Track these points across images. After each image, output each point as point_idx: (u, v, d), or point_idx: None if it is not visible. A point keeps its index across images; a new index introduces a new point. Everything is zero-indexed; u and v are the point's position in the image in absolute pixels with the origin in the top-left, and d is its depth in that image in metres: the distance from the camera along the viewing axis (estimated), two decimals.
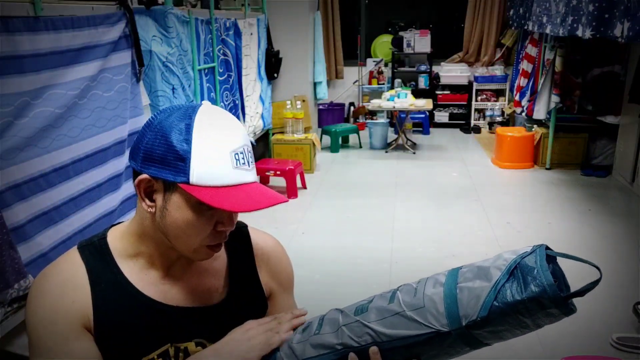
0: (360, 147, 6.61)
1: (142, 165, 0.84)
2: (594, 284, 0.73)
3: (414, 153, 6.24)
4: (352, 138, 6.73)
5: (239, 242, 1.02)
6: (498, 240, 3.78)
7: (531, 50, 5.76)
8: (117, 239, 0.92)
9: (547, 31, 4.64)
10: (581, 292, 0.72)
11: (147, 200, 0.86)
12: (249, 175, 0.85)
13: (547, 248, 0.78)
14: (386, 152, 6.33)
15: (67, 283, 0.86)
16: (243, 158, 0.84)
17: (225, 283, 0.98)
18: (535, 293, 0.70)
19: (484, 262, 0.79)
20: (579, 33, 3.81)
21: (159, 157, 0.82)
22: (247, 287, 1.01)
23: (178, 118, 0.82)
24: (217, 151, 0.81)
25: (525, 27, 5.71)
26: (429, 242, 3.77)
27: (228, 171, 0.82)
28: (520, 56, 6.11)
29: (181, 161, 0.80)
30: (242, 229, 1.04)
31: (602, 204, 4.51)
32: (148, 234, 0.89)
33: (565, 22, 4.10)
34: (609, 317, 2.78)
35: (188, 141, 0.80)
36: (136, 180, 0.85)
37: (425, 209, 4.46)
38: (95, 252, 0.90)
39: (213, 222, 0.85)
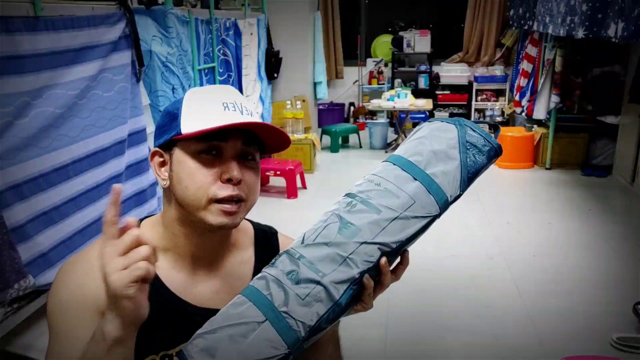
0: (360, 147, 6.61)
1: (155, 143, 0.89)
2: (497, 132, 0.98)
3: None
4: (352, 138, 6.72)
5: (268, 246, 1.02)
6: (498, 240, 3.78)
7: (531, 50, 5.76)
8: (148, 230, 0.91)
9: (550, 31, 4.64)
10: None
11: (161, 175, 0.88)
12: (244, 117, 0.85)
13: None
14: (386, 152, 6.33)
15: (95, 269, 0.81)
16: (234, 106, 0.85)
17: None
18: (492, 153, 0.90)
19: (428, 145, 0.89)
20: (573, 33, 3.82)
21: (159, 128, 0.89)
22: None
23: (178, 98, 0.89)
24: (206, 101, 0.85)
25: (527, 27, 5.71)
26: (428, 242, 3.76)
27: (217, 115, 0.83)
28: (520, 56, 6.11)
29: (174, 119, 0.85)
30: (273, 234, 1.05)
31: (602, 204, 4.51)
32: (172, 219, 0.89)
33: (564, 22, 4.10)
34: (609, 317, 2.78)
35: (179, 102, 0.87)
36: (149, 156, 0.89)
37: None
38: None
39: (216, 170, 0.84)
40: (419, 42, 7.14)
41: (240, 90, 4.62)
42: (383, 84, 7.55)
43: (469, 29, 7.31)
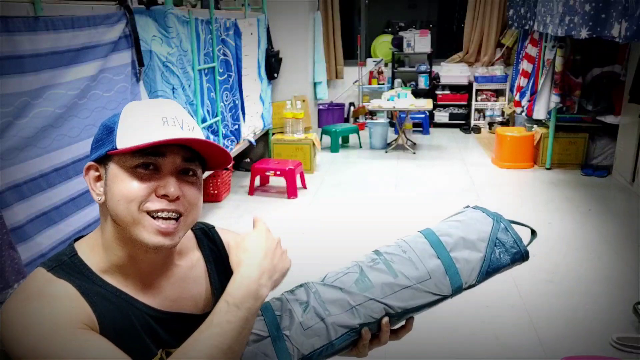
0: (360, 147, 6.61)
1: (90, 157, 0.86)
2: (533, 237, 1.07)
3: (414, 153, 6.24)
4: (352, 138, 6.73)
5: (212, 242, 1.02)
6: None
7: (531, 50, 5.75)
8: (88, 253, 0.85)
9: (550, 31, 4.64)
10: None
11: (96, 190, 0.84)
12: (184, 133, 0.81)
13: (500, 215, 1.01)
14: (386, 152, 6.33)
15: (58, 296, 0.77)
16: (174, 121, 0.81)
17: (209, 290, 0.97)
18: (517, 256, 0.98)
19: (461, 230, 0.95)
20: (575, 33, 3.81)
21: (95, 141, 0.85)
22: None
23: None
24: (144, 115, 0.82)
25: (526, 27, 5.71)
26: None
27: (155, 129, 0.79)
28: (520, 56, 6.11)
29: (110, 133, 0.82)
30: (211, 229, 1.03)
31: (602, 204, 4.51)
32: (112, 238, 0.84)
33: (563, 21, 4.10)
34: (609, 317, 2.78)
35: (117, 116, 0.84)
36: (84, 170, 0.86)
37: (425, 209, 4.46)
38: (71, 270, 0.82)
39: (151, 184, 0.80)
40: (419, 42, 7.14)
41: (240, 90, 4.61)
42: (383, 84, 7.55)
43: (469, 29, 7.31)
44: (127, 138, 0.80)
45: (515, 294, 3.04)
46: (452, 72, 7.37)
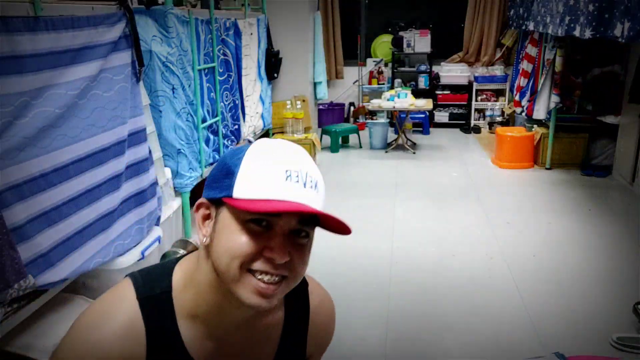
0: (360, 147, 6.61)
1: (204, 192, 0.82)
2: None
3: (414, 153, 6.24)
4: (352, 138, 6.72)
5: (298, 301, 0.96)
6: (498, 240, 3.78)
7: (531, 50, 5.76)
8: (180, 291, 0.83)
9: (549, 31, 4.64)
10: None
11: (203, 231, 0.80)
12: (306, 196, 0.75)
13: None
14: (386, 152, 6.33)
15: (123, 338, 0.78)
16: (298, 177, 0.75)
17: (274, 350, 0.93)
18: None
19: None
20: (577, 33, 3.81)
21: (213, 178, 0.80)
22: (293, 356, 0.96)
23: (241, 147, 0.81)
24: (268, 163, 0.75)
25: (524, 27, 5.71)
26: (429, 242, 3.77)
27: (277, 185, 0.74)
28: (520, 56, 6.11)
29: (229, 177, 0.76)
30: (302, 286, 0.96)
31: (602, 204, 4.51)
32: (207, 284, 0.81)
33: (563, 22, 4.10)
34: (609, 317, 2.78)
35: (239, 159, 0.77)
36: (194, 206, 0.82)
37: (426, 209, 4.46)
38: (158, 310, 0.81)
39: (260, 244, 0.75)
40: (419, 42, 7.14)
41: (240, 90, 4.61)
42: (383, 84, 7.55)
43: (469, 29, 7.31)
44: (246, 188, 0.74)
45: (515, 294, 3.04)
46: (452, 72, 7.37)
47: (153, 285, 0.83)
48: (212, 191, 0.79)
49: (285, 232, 0.77)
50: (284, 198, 0.73)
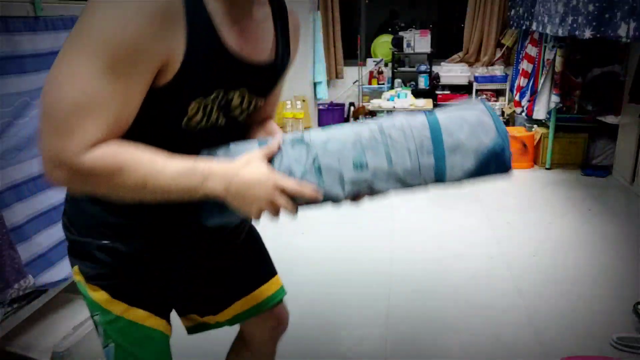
0: None
1: None
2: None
3: None
4: None
5: (281, 8, 1.15)
6: (498, 240, 3.78)
7: (531, 50, 5.76)
8: None
9: (548, 31, 4.65)
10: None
11: None
12: None
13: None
14: None
15: (162, 16, 0.83)
16: None
17: (273, 45, 1.10)
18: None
19: (464, 133, 0.99)
20: (577, 33, 3.81)
21: None
22: (285, 54, 1.17)
23: None
24: None
25: (524, 27, 5.71)
26: (428, 242, 3.77)
27: None
28: (520, 56, 6.11)
29: None
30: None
31: (602, 204, 4.51)
32: None
33: (564, 22, 4.10)
34: (609, 317, 2.78)
35: None
36: None
37: (425, 208, 4.46)
38: None
39: None
40: (419, 42, 7.14)
41: None
42: (383, 84, 7.55)
43: (469, 29, 7.31)
44: None
45: (515, 294, 3.04)
46: (452, 72, 7.37)
47: None
48: None
49: None
50: None
